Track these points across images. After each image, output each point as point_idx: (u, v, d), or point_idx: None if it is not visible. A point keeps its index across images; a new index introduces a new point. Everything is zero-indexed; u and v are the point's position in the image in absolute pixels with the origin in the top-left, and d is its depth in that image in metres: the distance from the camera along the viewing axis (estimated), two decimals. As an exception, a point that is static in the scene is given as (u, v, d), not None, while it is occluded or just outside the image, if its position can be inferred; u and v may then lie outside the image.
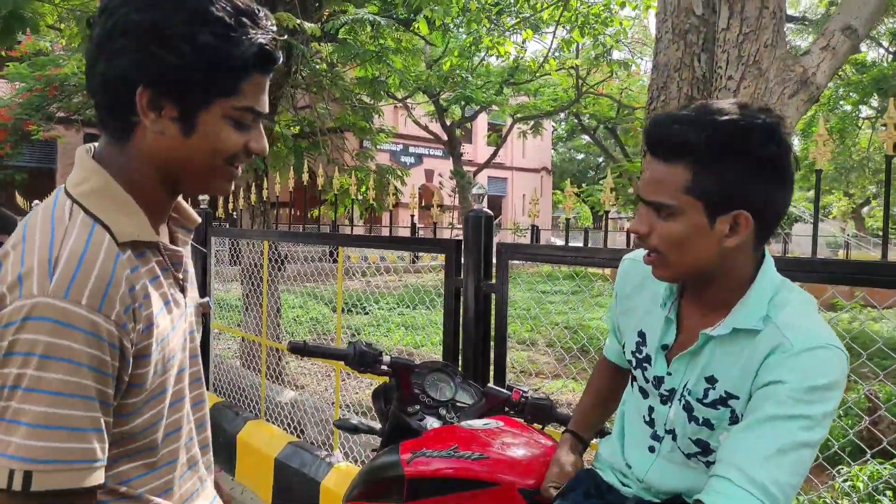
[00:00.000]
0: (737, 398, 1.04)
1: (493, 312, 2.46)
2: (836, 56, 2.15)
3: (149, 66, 0.81)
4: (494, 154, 18.71)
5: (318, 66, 6.00)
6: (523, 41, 9.20)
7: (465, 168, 19.56)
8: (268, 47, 0.86)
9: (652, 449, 1.19)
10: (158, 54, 0.80)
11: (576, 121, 21.63)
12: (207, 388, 4.11)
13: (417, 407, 1.70)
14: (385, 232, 16.98)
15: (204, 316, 1.15)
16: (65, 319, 0.76)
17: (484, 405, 1.72)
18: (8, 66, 14.56)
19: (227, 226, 5.37)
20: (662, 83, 2.60)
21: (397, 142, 22.10)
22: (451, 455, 1.42)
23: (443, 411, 1.73)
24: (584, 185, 29.85)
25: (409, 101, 15.75)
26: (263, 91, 0.89)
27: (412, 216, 2.94)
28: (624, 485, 1.24)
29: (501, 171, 28.66)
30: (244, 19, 0.84)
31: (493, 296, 2.44)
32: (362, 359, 1.62)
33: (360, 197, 5.57)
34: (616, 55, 13.88)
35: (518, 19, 7.71)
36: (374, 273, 11.80)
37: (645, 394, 1.21)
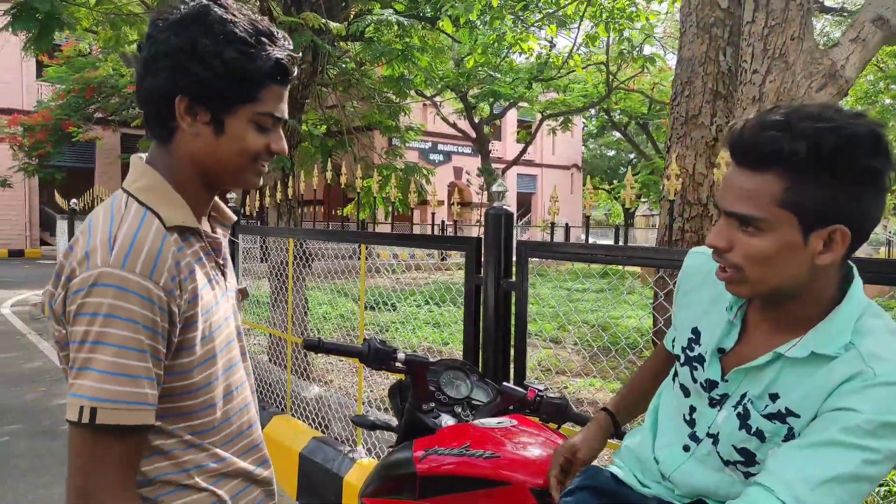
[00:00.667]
0: (797, 416, 0.98)
1: (513, 310, 2.46)
2: (866, 48, 2.08)
3: (185, 79, 0.98)
4: (523, 151, 18.61)
5: (344, 66, 6.04)
6: (551, 39, 9.14)
7: (495, 165, 19.50)
8: (283, 61, 1.02)
9: (687, 448, 1.13)
10: (193, 69, 0.98)
11: (606, 117, 21.38)
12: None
13: (432, 404, 1.70)
14: (416, 230, 17.03)
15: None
16: (123, 285, 0.92)
17: (499, 403, 1.71)
18: (47, 69, 15.03)
19: (258, 223, 5.45)
20: (687, 78, 2.55)
21: (426, 140, 22.13)
22: (463, 453, 1.42)
23: (458, 409, 1.74)
24: (615, 181, 29.51)
25: (437, 98, 15.78)
26: (282, 100, 1.06)
27: (432, 213, 2.94)
28: (643, 485, 1.20)
29: (531, 169, 28.50)
30: (263, 38, 1.01)
31: (514, 293, 2.44)
32: (376, 356, 1.63)
33: (384, 195, 5.60)
34: (647, 50, 13.68)
35: (542, 14, 7.62)
36: (403, 270, 11.85)
37: (686, 392, 1.15)
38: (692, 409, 1.14)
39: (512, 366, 2.47)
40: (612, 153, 34.73)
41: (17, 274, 14.66)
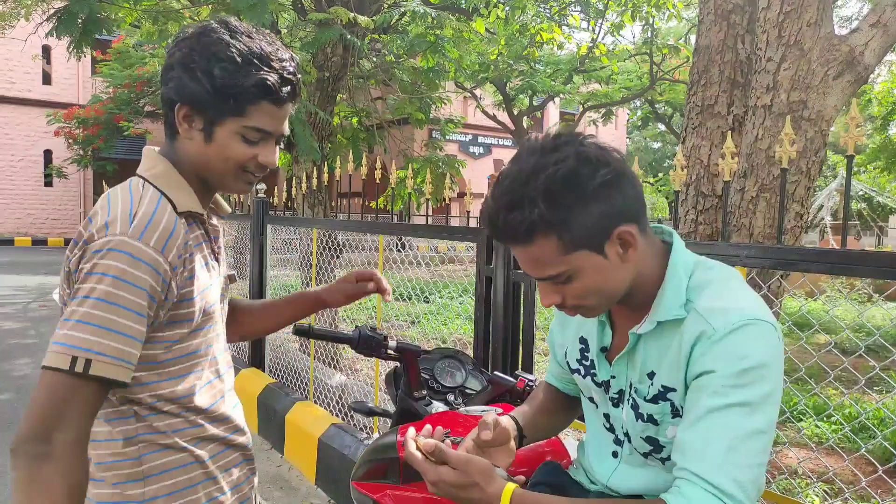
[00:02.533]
0: (674, 390, 1.02)
1: (522, 301, 2.46)
2: (887, 33, 1.99)
3: (184, 90, 1.11)
4: (564, 143, 18.34)
5: (375, 59, 6.08)
6: (592, 29, 8.95)
7: (535, 158, 19.30)
8: (268, 82, 1.11)
9: (615, 454, 1.17)
10: (188, 81, 1.10)
11: (650, 108, 20.93)
12: (263, 370, 4.28)
13: (424, 392, 1.72)
14: (454, 222, 17.04)
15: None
16: (136, 254, 1.02)
17: (490, 392, 1.72)
18: (101, 67, 15.59)
19: (293, 213, 5.55)
20: (704, 67, 2.49)
21: (466, 132, 22.09)
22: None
23: (451, 397, 1.75)
24: (660, 174, 28.89)
25: (477, 90, 15.72)
26: (274, 116, 1.15)
27: (468, 210, 2.95)
28: (591, 482, 1.22)
29: (573, 161, 28.11)
30: (255, 60, 1.10)
31: (523, 285, 2.43)
32: (366, 343, 1.66)
33: (416, 188, 5.63)
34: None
35: (562, 4, 7.47)
36: (437, 263, 11.89)
37: (595, 403, 1.20)
38: (606, 417, 1.17)
39: (520, 356, 2.47)
40: (657, 145, 34.04)
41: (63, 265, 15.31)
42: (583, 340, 1.20)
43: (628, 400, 1.10)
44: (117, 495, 1.12)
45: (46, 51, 19.61)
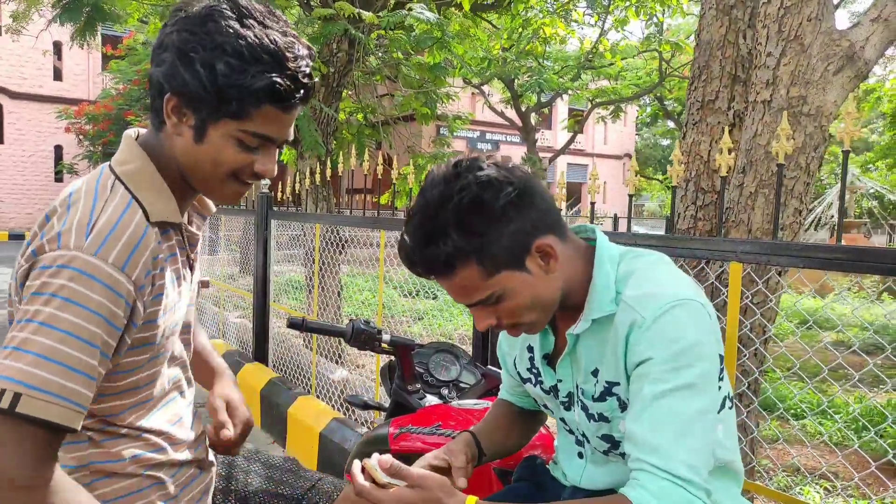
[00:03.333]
0: (618, 384, 1.03)
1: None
2: (889, 28, 1.98)
3: (176, 79, 0.95)
4: (571, 140, 18.33)
5: (381, 55, 6.08)
6: (600, 25, 8.90)
7: (544, 154, 19.30)
8: (278, 86, 0.94)
9: (581, 455, 1.18)
10: (183, 71, 0.94)
11: (659, 105, 20.82)
12: (267, 365, 4.29)
13: (418, 385, 1.73)
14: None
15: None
16: (90, 272, 0.87)
17: (483, 386, 1.73)
18: (111, 63, 15.70)
19: (297, 209, 5.57)
20: (704, 62, 2.48)
21: (474, 128, 22.07)
22: (433, 432, 1.44)
23: (445, 391, 1.76)
24: (668, 172, 28.73)
25: (485, 87, 15.70)
26: (279, 121, 0.99)
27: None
28: (566, 476, 1.23)
29: (582, 158, 28.07)
30: (265, 56, 0.94)
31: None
32: (360, 336, 1.67)
33: (419, 183, 5.63)
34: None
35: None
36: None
37: (549, 409, 1.20)
38: (563, 421, 1.18)
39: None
40: (666, 142, 33.85)
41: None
42: (530, 349, 1.20)
43: (577, 402, 1.11)
44: None
45: (57, 47, 19.74)
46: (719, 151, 1.78)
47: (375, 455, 1.02)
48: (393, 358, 1.79)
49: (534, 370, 1.19)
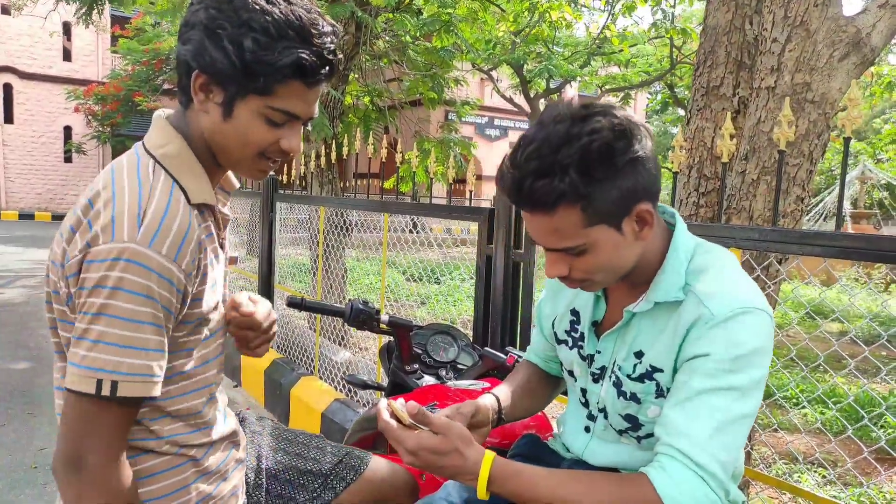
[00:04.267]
0: (661, 371, 1.02)
1: (521, 280, 2.47)
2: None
3: (203, 56, 0.97)
4: (580, 127, 18.16)
5: (389, 39, 6.05)
6: (590, 9, 8.77)
7: (551, 141, 19.14)
8: (304, 62, 0.96)
9: (588, 429, 1.18)
10: (211, 49, 0.96)
11: (669, 92, 20.64)
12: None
13: (416, 366, 1.75)
14: (474, 205, 16.96)
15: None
16: (147, 263, 0.92)
17: (480, 367, 1.75)
18: (120, 42, 15.70)
19: (302, 192, 5.59)
20: (710, 47, 2.46)
21: (482, 114, 21.97)
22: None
23: (443, 372, 1.78)
24: (678, 160, 28.49)
25: (493, 72, 15.59)
26: (305, 98, 1.01)
27: (469, 190, 2.96)
28: (567, 450, 1.24)
29: (590, 145, 27.88)
30: (291, 32, 0.96)
31: (522, 265, 2.44)
32: (358, 317, 1.68)
33: (424, 168, 5.63)
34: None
35: None
36: (450, 245, 11.91)
37: (575, 377, 1.20)
38: (583, 391, 1.18)
39: (519, 335, 2.49)
40: (676, 130, 33.60)
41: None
42: (574, 312, 1.20)
43: (610, 377, 1.10)
44: None
45: (67, 27, 19.74)
46: (721, 137, 1.78)
47: (402, 400, 1.03)
48: (392, 339, 1.81)
49: (574, 334, 1.18)
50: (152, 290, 0.92)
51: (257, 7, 0.95)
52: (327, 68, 0.99)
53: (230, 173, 1.19)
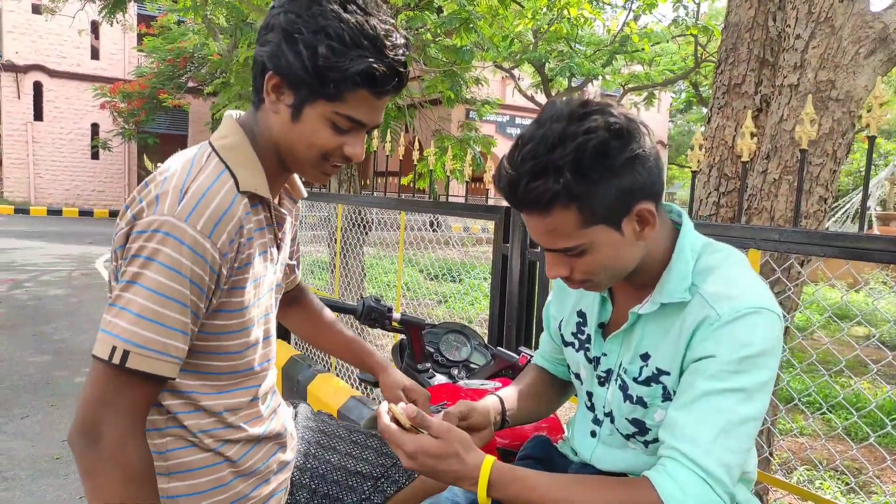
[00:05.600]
0: (668, 374, 1.00)
1: (537, 281, 2.45)
2: (925, 10, 1.90)
3: (279, 59, 1.00)
4: (602, 126, 18.02)
5: (410, 37, 6.06)
6: (612, 6, 8.67)
7: (572, 140, 19.00)
8: (375, 71, 0.98)
9: (594, 434, 1.16)
10: (286, 52, 0.99)
11: (693, 91, 20.38)
12: (288, 342, 4.36)
13: (428, 365, 1.74)
14: (492, 203, 16.94)
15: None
16: (180, 236, 0.94)
17: (493, 367, 1.73)
18: (145, 41, 15.93)
19: (321, 189, 5.60)
20: (732, 44, 2.42)
21: (504, 113, 21.89)
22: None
23: (455, 371, 1.77)
24: (702, 160, 28.12)
25: (515, 71, 15.53)
26: (372, 106, 1.03)
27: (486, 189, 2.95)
28: (575, 453, 1.22)
29: (613, 144, 27.64)
30: (365, 42, 0.98)
31: (538, 264, 2.42)
32: (370, 314, 1.68)
33: (442, 166, 5.62)
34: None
35: None
36: (469, 243, 11.89)
37: (581, 380, 1.18)
38: (589, 395, 1.16)
39: (534, 334, 2.47)
40: (702, 129, 33.17)
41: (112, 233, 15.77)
42: (580, 314, 1.18)
43: (616, 380, 1.09)
44: None
45: (95, 26, 20.07)
46: (742, 136, 1.74)
47: (402, 402, 1.02)
48: (404, 337, 1.80)
49: (581, 336, 1.17)
50: (183, 265, 0.93)
51: (334, 15, 0.98)
52: (396, 80, 1.01)
53: (298, 182, 1.22)
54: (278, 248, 1.15)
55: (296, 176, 1.21)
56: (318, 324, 1.45)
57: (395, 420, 0.98)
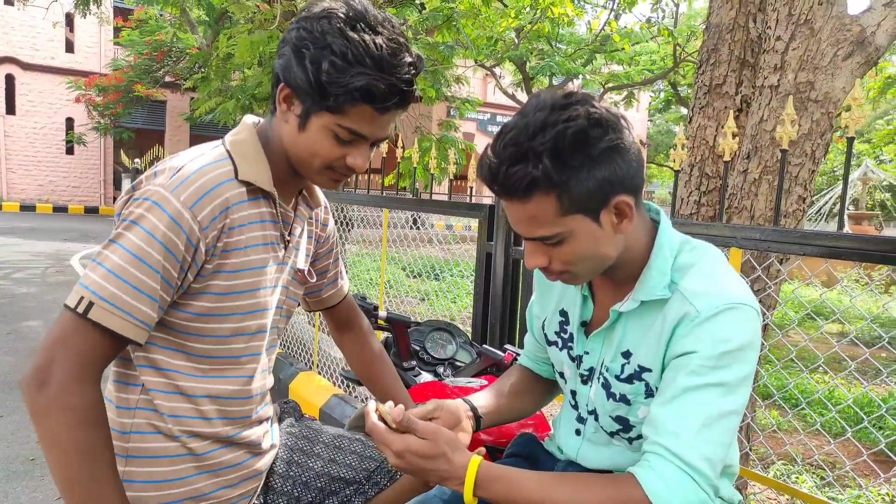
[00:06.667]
0: (650, 371, 1.02)
1: (521, 279, 2.46)
2: (901, 14, 1.94)
3: (289, 71, 1.06)
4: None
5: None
6: (592, 4, 8.71)
7: (553, 138, 19.09)
8: (374, 88, 1.02)
9: (578, 432, 1.17)
10: (295, 65, 1.05)
11: (672, 91, 20.59)
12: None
13: (414, 363, 1.74)
14: (476, 201, 16.96)
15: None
16: (163, 204, 0.99)
17: (479, 365, 1.74)
18: (122, 34, 15.67)
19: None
20: (713, 45, 2.45)
21: (485, 111, 21.93)
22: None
23: (440, 369, 1.77)
24: (680, 159, 28.42)
25: (497, 69, 15.57)
26: (373, 121, 1.07)
27: (470, 187, 2.95)
28: (561, 451, 1.23)
29: (592, 143, 27.81)
30: (368, 60, 1.02)
31: (522, 262, 2.43)
32: (356, 311, 1.67)
33: (423, 165, 5.62)
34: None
35: None
36: (451, 241, 11.89)
37: (565, 378, 1.19)
38: (573, 394, 1.17)
39: (517, 332, 2.48)
40: (678, 129, 33.55)
41: (89, 229, 15.53)
42: (563, 313, 1.19)
43: (598, 378, 1.10)
44: None
45: (69, 19, 19.70)
46: (723, 136, 1.76)
47: (390, 402, 1.03)
48: (389, 335, 1.80)
49: (564, 335, 1.18)
50: (159, 231, 0.98)
51: (340, 32, 1.02)
52: (397, 98, 1.05)
53: (317, 191, 1.28)
54: (285, 246, 1.18)
55: (314, 186, 1.26)
56: (370, 363, 1.47)
57: (383, 419, 0.98)
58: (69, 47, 21.50)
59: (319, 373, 3.93)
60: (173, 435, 1.08)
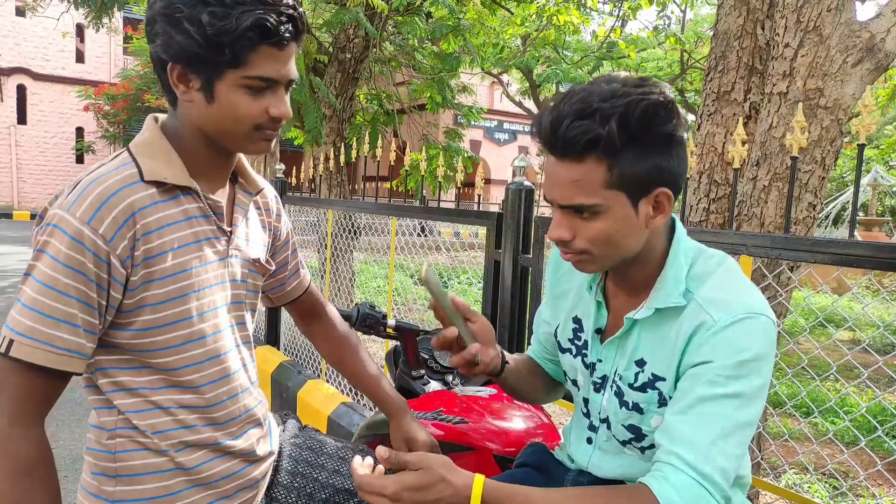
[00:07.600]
0: (663, 380, 1.01)
1: (529, 286, 2.45)
2: (911, 20, 1.94)
3: (171, 46, 0.96)
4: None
5: (398, 42, 6.06)
6: (597, 11, 8.73)
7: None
8: (266, 20, 0.94)
9: (590, 440, 1.16)
10: (174, 36, 0.95)
11: (680, 98, 20.55)
12: (278, 348, 4.33)
13: (422, 371, 1.74)
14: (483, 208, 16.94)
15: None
16: (63, 226, 0.93)
17: (487, 374, 1.73)
18: (132, 42, 15.83)
19: (311, 194, 5.59)
20: (721, 52, 2.44)
21: (491, 118, 21.96)
22: (435, 418, 1.44)
23: (449, 378, 1.77)
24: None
25: (504, 76, 15.59)
26: (276, 60, 0.99)
27: (475, 193, 2.95)
28: (571, 460, 1.22)
29: (599, 150, 27.79)
30: None
31: (531, 270, 2.43)
32: (364, 321, 1.67)
33: (429, 172, 5.62)
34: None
35: None
36: (458, 249, 11.89)
37: (578, 386, 1.18)
38: (585, 402, 1.16)
39: (526, 340, 2.47)
40: (687, 136, 33.41)
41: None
42: (576, 320, 1.18)
43: (612, 387, 1.09)
44: (94, 487, 1.06)
45: (80, 29, 19.91)
46: (732, 143, 1.76)
47: (369, 457, 0.98)
48: (398, 343, 1.80)
49: (578, 342, 1.16)
50: (62, 254, 0.92)
51: None
52: (290, 25, 0.98)
53: (252, 174, 1.18)
54: (228, 238, 1.10)
55: (248, 168, 1.17)
56: (338, 347, 1.41)
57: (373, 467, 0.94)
58: (79, 57, 21.72)
59: (327, 381, 3.93)
60: (160, 450, 1.04)
